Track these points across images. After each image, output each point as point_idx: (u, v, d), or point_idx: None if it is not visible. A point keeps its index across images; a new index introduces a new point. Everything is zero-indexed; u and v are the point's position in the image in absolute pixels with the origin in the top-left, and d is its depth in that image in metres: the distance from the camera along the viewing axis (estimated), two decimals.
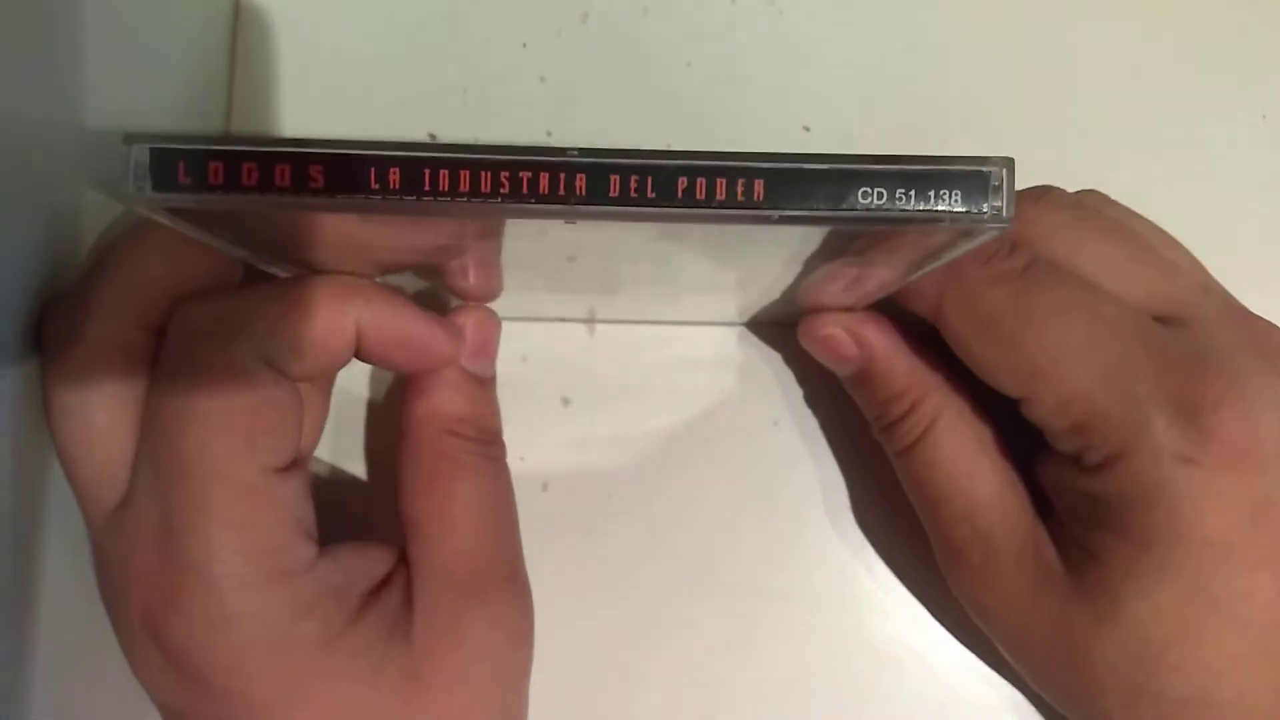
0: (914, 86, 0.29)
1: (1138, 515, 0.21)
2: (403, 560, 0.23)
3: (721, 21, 0.29)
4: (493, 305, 0.27)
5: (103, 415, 0.21)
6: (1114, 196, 0.26)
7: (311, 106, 0.28)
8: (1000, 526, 0.24)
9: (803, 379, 0.29)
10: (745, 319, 0.29)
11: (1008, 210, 0.16)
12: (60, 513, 0.21)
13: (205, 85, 0.27)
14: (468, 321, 0.24)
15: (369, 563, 0.23)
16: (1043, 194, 0.25)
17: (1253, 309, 0.24)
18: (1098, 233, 0.24)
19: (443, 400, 0.24)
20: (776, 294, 0.25)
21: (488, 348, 0.25)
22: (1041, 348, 0.22)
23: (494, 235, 0.20)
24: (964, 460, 0.24)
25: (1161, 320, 0.23)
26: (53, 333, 0.21)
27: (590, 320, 0.29)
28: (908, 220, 0.16)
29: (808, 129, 0.29)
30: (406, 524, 0.24)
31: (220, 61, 0.28)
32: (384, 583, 0.23)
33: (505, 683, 0.23)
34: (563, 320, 0.29)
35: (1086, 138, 0.30)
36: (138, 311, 0.21)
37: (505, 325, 0.28)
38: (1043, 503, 0.25)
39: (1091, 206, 0.24)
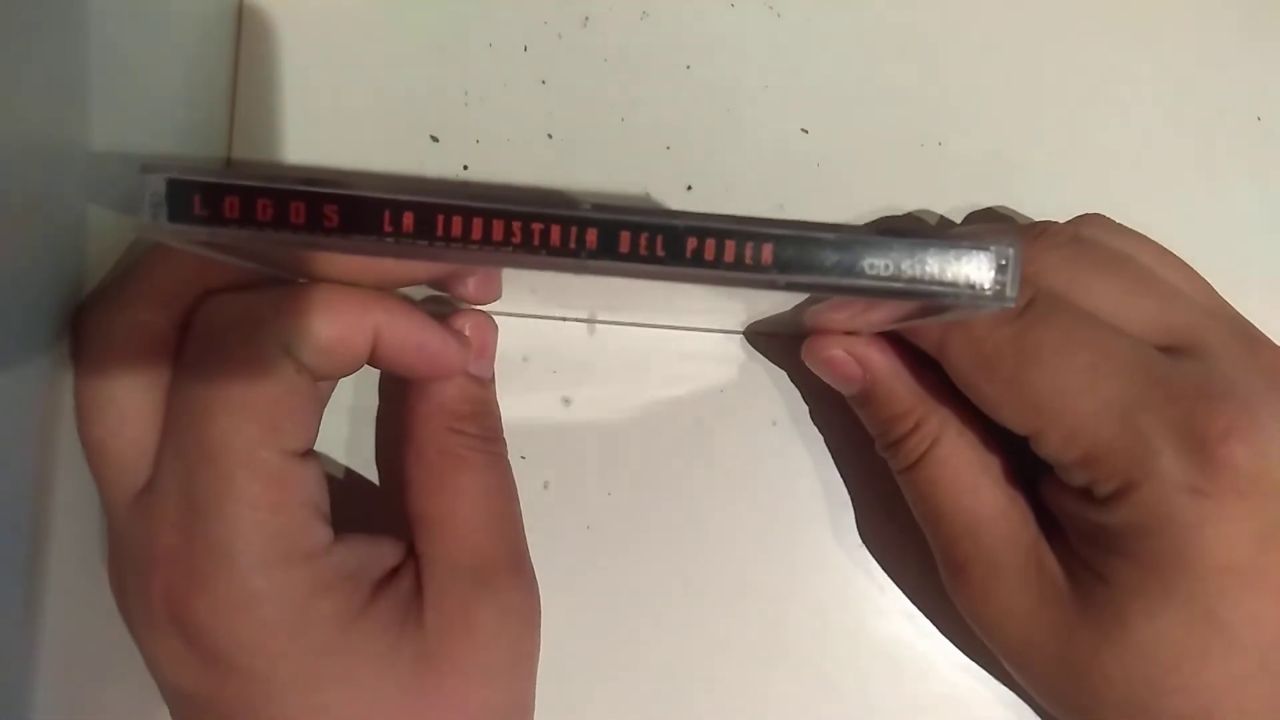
0: (911, 89, 0.30)
1: (1147, 542, 0.22)
2: (412, 554, 0.24)
3: (720, 24, 0.29)
4: (498, 303, 0.28)
5: (130, 402, 0.21)
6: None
7: (314, 108, 0.29)
8: (1003, 543, 0.24)
9: (801, 379, 0.29)
10: (745, 328, 0.29)
11: (1011, 289, 0.16)
12: (65, 517, 0.22)
13: (208, 89, 0.27)
14: (465, 326, 0.25)
15: (380, 552, 0.24)
16: (1040, 232, 0.25)
17: (1250, 312, 0.25)
18: (1095, 267, 0.24)
19: (445, 400, 0.25)
20: (778, 313, 0.26)
21: (486, 351, 0.26)
22: (1044, 384, 0.22)
23: None
24: (966, 478, 0.25)
25: (1166, 349, 0.23)
26: (87, 326, 0.22)
27: (591, 320, 0.29)
28: (912, 294, 0.16)
29: (806, 131, 0.29)
30: (414, 520, 0.24)
31: (223, 66, 0.28)
32: (394, 573, 0.24)
33: (514, 670, 0.24)
34: (564, 320, 0.29)
35: (1082, 140, 0.30)
36: (167, 304, 0.22)
37: (507, 325, 0.28)
38: (1046, 519, 0.25)
39: (1089, 239, 0.25)
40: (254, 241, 0.16)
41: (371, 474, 0.29)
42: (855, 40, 0.30)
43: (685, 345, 0.29)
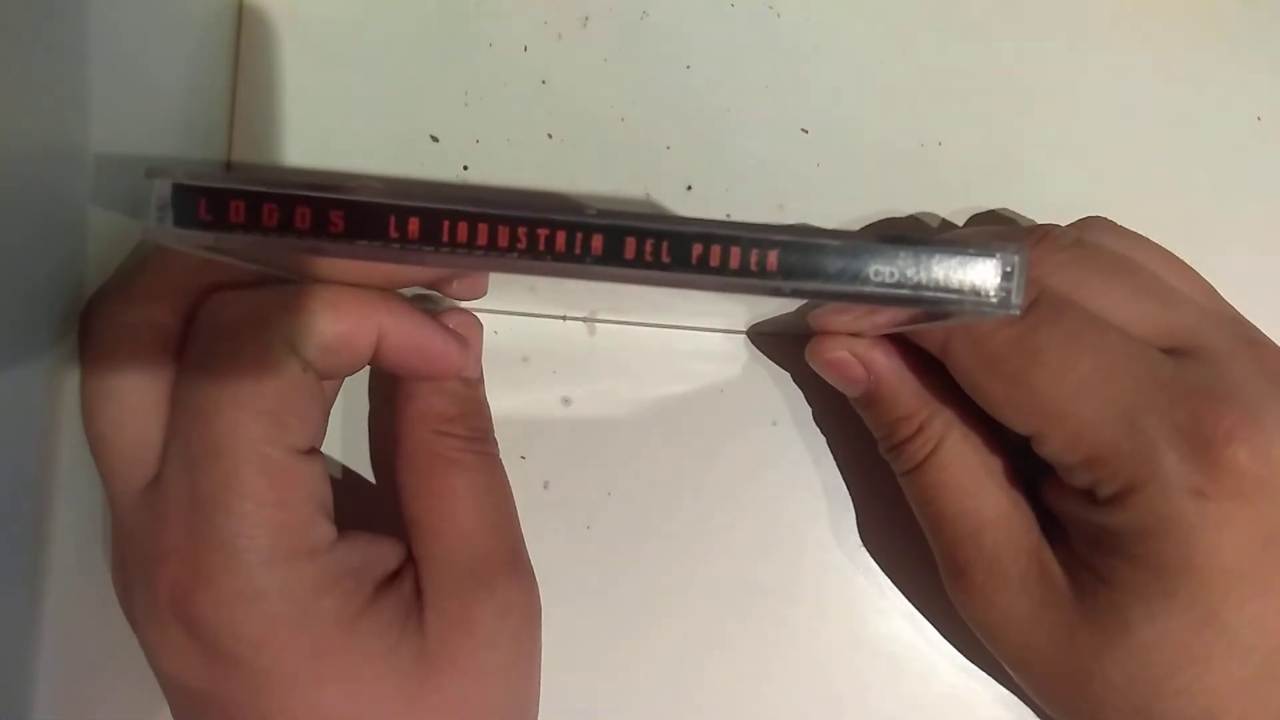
0: (911, 89, 0.30)
1: (1149, 544, 0.22)
2: (411, 557, 0.24)
3: (720, 24, 0.29)
4: (497, 301, 0.28)
5: (135, 397, 0.21)
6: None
7: (314, 109, 0.29)
8: (1005, 546, 0.24)
9: (802, 380, 0.29)
10: (748, 328, 0.29)
11: (1016, 296, 0.16)
12: (67, 516, 0.22)
13: (208, 90, 0.27)
14: (448, 325, 0.25)
15: (383, 552, 0.24)
16: (1043, 235, 0.25)
17: (1250, 313, 0.25)
18: (1099, 270, 0.24)
19: (431, 403, 0.25)
20: (782, 314, 0.26)
21: (472, 350, 0.26)
22: (1048, 385, 0.22)
23: None
24: (969, 480, 0.25)
25: (1169, 352, 0.23)
26: (93, 322, 0.22)
27: (590, 320, 0.29)
28: (917, 301, 0.16)
29: (806, 131, 0.29)
30: (409, 524, 0.24)
31: (223, 66, 0.28)
32: (396, 574, 0.24)
33: (515, 668, 0.24)
34: (564, 319, 0.29)
35: (1081, 140, 0.30)
36: (173, 300, 0.22)
37: (507, 324, 0.28)
38: (1048, 522, 0.25)
39: (1092, 242, 0.25)
40: (259, 247, 0.16)
41: (369, 475, 0.29)
42: (855, 40, 0.30)
43: (686, 345, 0.29)
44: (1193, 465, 0.21)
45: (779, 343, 0.29)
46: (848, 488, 0.29)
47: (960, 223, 0.29)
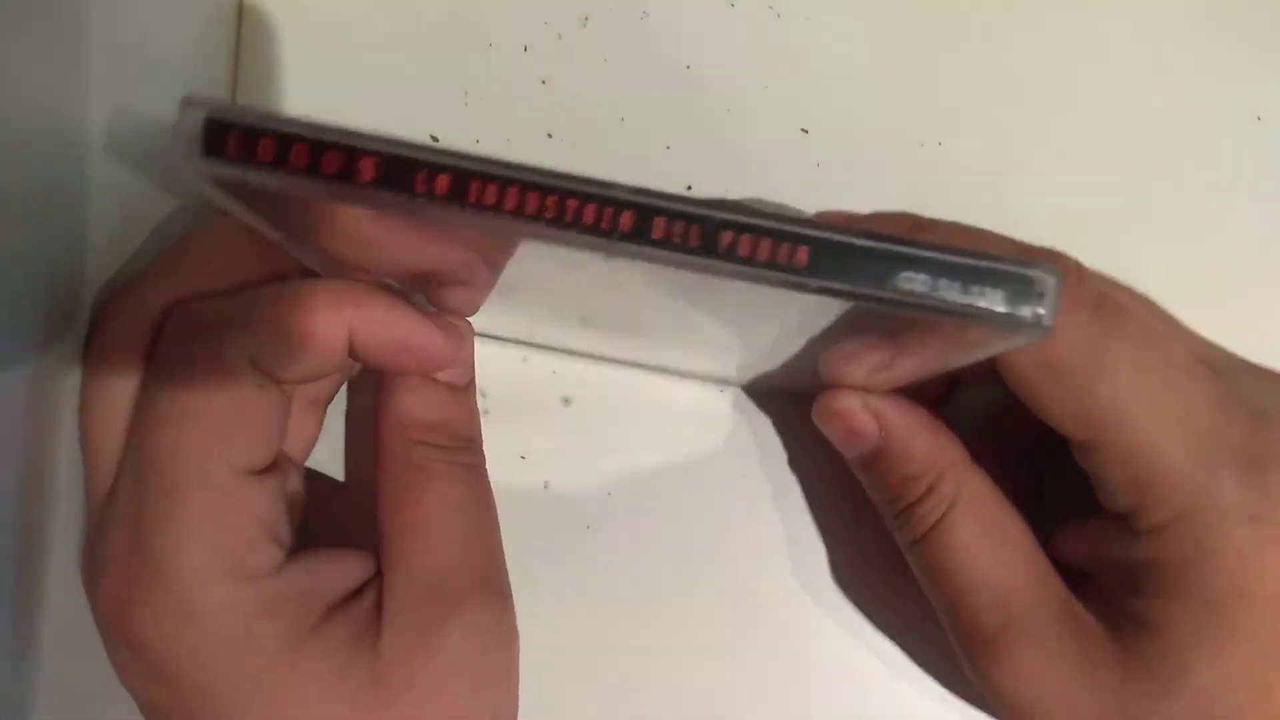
0: (911, 89, 0.30)
1: (1201, 577, 0.21)
2: (380, 573, 0.23)
3: (720, 24, 0.29)
4: (498, 324, 0.27)
5: (105, 406, 0.21)
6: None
7: (314, 108, 0.29)
8: (1035, 608, 0.23)
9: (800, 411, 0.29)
10: (745, 381, 0.29)
11: (1049, 318, 0.16)
12: (65, 515, 0.22)
13: (208, 89, 0.27)
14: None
15: (343, 570, 0.23)
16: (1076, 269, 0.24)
17: (1249, 312, 0.25)
18: (1126, 299, 0.23)
19: (410, 409, 0.23)
20: (781, 361, 0.25)
21: (462, 356, 0.24)
22: (1114, 396, 0.21)
23: (508, 255, 0.20)
24: (987, 541, 0.23)
25: None
26: (96, 323, 0.22)
27: (591, 357, 0.29)
28: (945, 311, 0.16)
29: (806, 131, 0.29)
30: (378, 535, 0.23)
31: (223, 65, 0.28)
32: (358, 591, 0.23)
33: (483, 688, 0.23)
34: (568, 353, 0.29)
35: (1081, 140, 0.30)
36: (162, 307, 0.21)
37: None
38: (1066, 576, 0.23)
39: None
40: (285, 186, 0.15)
41: (355, 483, 0.28)
42: (855, 40, 0.30)
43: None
44: (1249, 490, 0.20)
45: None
46: (848, 485, 0.29)
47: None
